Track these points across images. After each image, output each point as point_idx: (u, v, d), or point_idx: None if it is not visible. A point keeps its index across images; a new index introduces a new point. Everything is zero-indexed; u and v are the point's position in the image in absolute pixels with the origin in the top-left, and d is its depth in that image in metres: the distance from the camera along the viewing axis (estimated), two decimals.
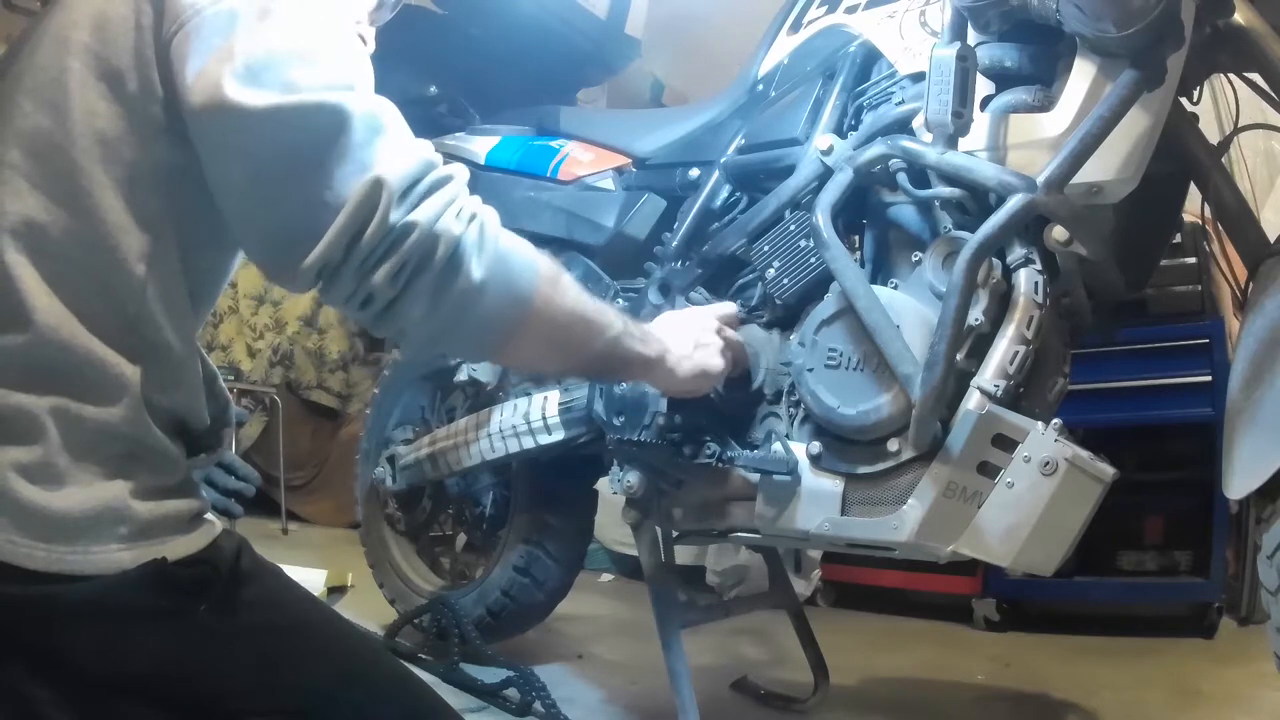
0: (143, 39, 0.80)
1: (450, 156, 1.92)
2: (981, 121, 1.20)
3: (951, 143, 1.18)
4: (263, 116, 0.77)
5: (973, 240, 1.14)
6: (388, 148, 0.81)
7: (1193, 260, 2.43)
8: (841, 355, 1.28)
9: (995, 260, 1.21)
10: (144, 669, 0.78)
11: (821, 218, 1.29)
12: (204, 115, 0.77)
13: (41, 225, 0.78)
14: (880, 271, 1.36)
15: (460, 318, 0.87)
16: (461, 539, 2.21)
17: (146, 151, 0.81)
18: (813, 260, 1.36)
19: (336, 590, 2.53)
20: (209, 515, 0.87)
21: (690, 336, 1.25)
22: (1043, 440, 1.14)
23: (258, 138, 0.78)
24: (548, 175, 1.79)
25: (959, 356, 1.18)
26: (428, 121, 2.05)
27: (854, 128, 1.41)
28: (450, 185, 0.85)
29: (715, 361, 1.26)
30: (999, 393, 1.18)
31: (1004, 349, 1.19)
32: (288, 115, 0.77)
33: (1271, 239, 1.16)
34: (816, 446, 1.31)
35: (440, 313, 0.85)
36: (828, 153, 1.38)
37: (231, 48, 0.77)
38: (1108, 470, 1.14)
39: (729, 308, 1.41)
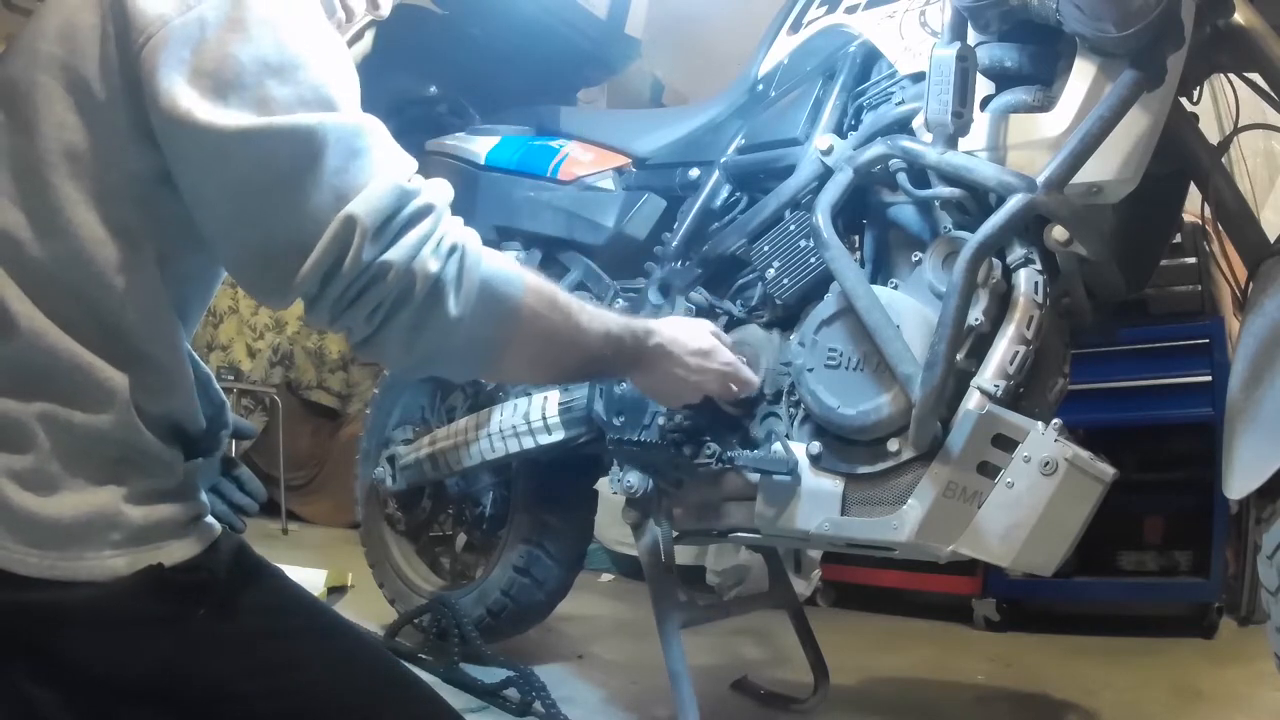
0: (109, 49, 0.77)
1: (450, 156, 1.92)
2: (981, 121, 1.20)
3: (951, 143, 1.18)
4: (235, 138, 0.74)
5: (973, 240, 1.14)
6: (365, 172, 0.79)
7: (1193, 260, 2.43)
8: (841, 355, 1.28)
9: (995, 260, 1.21)
10: (144, 673, 0.78)
11: (821, 218, 1.29)
12: (175, 133, 0.75)
13: (18, 240, 0.78)
14: (880, 271, 1.36)
15: (440, 349, 0.86)
16: (461, 539, 2.21)
17: (118, 163, 0.78)
18: (813, 260, 1.36)
19: (336, 590, 2.53)
20: (208, 518, 0.86)
21: (692, 336, 1.24)
22: (1043, 440, 1.14)
23: (230, 159, 0.75)
24: (548, 175, 1.79)
25: (959, 356, 1.18)
26: (428, 121, 2.05)
27: (854, 128, 1.41)
28: (429, 218, 0.82)
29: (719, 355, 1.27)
30: (999, 393, 1.18)
31: (1004, 349, 1.19)
32: (260, 138, 0.75)
33: (1271, 239, 1.16)
34: (816, 446, 1.31)
35: (419, 347, 0.85)
36: (828, 153, 1.38)
37: (201, 62, 0.75)
38: (1108, 470, 1.14)
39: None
